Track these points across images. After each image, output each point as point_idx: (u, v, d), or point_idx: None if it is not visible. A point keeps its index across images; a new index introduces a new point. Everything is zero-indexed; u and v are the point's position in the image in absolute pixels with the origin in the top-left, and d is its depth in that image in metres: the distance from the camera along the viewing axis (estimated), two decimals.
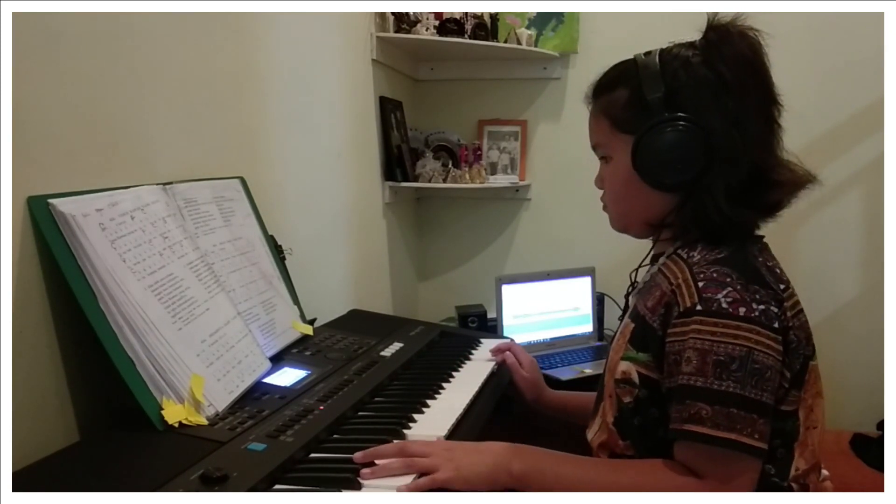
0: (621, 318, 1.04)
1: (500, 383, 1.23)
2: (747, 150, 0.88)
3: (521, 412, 1.32)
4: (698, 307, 0.83)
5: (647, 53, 0.94)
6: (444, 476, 0.81)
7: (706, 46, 0.91)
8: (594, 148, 1.02)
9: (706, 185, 0.89)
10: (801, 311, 0.91)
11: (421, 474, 0.81)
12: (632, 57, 0.96)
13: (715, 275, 0.84)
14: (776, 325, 0.82)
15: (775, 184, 0.91)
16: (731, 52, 0.89)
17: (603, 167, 1.02)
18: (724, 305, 0.82)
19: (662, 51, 0.94)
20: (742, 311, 0.81)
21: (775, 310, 0.83)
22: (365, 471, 0.79)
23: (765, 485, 0.85)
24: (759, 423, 0.79)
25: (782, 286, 0.88)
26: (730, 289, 0.83)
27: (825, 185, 0.95)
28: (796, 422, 0.87)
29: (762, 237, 0.95)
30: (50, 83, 0.84)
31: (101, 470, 0.75)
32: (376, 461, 0.81)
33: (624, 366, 0.92)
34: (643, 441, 0.91)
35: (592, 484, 0.84)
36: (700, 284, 0.84)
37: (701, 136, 0.88)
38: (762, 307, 0.82)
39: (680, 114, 0.89)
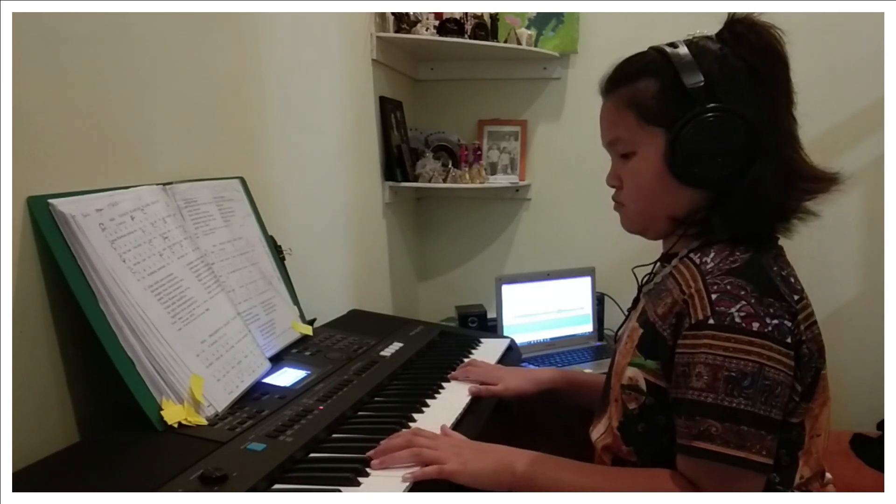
0: (628, 313, 1.02)
1: None
2: (783, 143, 0.87)
3: (521, 412, 1.31)
4: (711, 321, 0.80)
5: (671, 45, 0.90)
6: (451, 468, 0.83)
7: (734, 39, 0.88)
8: (611, 143, 0.96)
9: (754, 178, 0.85)
10: (815, 322, 0.88)
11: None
12: (647, 49, 0.93)
13: (729, 287, 0.82)
14: (789, 339, 0.80)
15: (811, 178, 0.88)
16: (760, 43, 0.87)
17: (619, 164, 0.95)
18: (738, 320, 0.79)
19: (687, 42, 0.90)
20: (755, 326, 0.79)
21: (789, 324, 0.81)
22: (374, 461, 0.82)
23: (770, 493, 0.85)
24: (767, 440, 0.78)
25: (796, 297, 0.85)
26: (743, 302, 0.80)
27: None
28: (802, 431, 0.86)
29: (777, 238, 0.92)
30: (50, 83, 0.84)
31: (101, 470, 0.75)
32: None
33: (631, 372, 0.90)
34: (646, 448, 0.90)
35: (593, 491, 0.84)
36: (713, 297, 0.82)
37: (743, 128, 0.85)
38: (776, 321, 0.80)
39: (720, 105, 0.85)
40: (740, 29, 0.88)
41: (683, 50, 0.88)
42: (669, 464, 0.84)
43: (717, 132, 0.85)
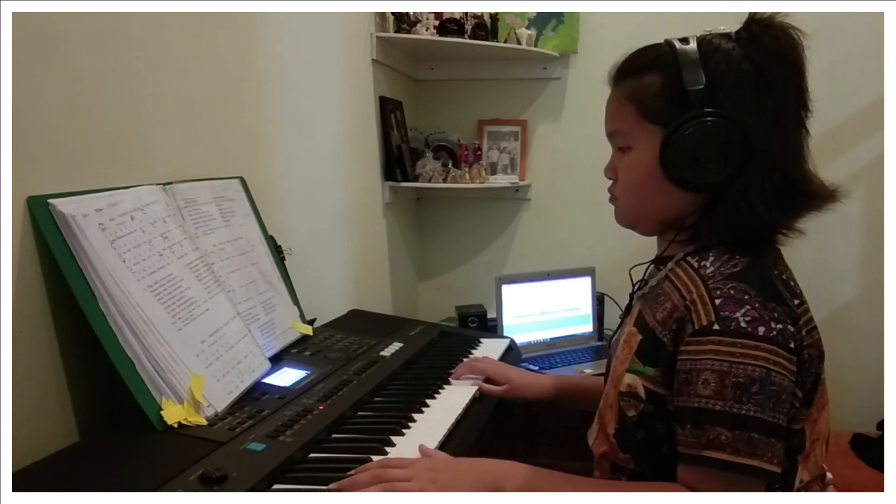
0: (623, 318, 1.01)
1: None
2: (782, 154, 0.84)
3: (522, 413, 1.31)
4: (715, 326, 0.79)
5: (683, 40, 0.88)
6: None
7: (748, 40, 0.86)
8: (611, 135, 0.95)
9: (741, 189, 0.84)
10: (815, 327, 0.86)
11: None
12: (662, 41, 0.90)
13: (732, 292, 0.80)
14: (792, 344, 0.79)
15: (808, 193, 0.86)
16: (774, 47, 0.84)
17: (617, 156, 0.94)
18: (743, 325, 0.78)
19: (700, 39, 0.87)
20: (761, 330, 0.78)
21: (791, 329, 0.80)
22: (333, 485, 0.76)
23: None
24: (777, 447, 0.77)
25: (796, 301, 0.84)
26: (748, 307, 0.79)
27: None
28: (803, 437, 0.85)
29: (776, 241, 0.90)
30: (50, 83, 0.84)
31: (101, 470, 0.75)
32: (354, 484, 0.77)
33: (630, 378, 0.88)
34: (645, 455, 0.88)
35: None
36: (717, 302, 0.80)
37: (739, 136, 0.83)
38: (780, 326, 0.79)
39: (717, 110, 0.84)
40: (756, 30, 0.86)
41: (692, 47, 0.86)
42: (669, 472, 0.83)
43: (711, 138, 0.84)
